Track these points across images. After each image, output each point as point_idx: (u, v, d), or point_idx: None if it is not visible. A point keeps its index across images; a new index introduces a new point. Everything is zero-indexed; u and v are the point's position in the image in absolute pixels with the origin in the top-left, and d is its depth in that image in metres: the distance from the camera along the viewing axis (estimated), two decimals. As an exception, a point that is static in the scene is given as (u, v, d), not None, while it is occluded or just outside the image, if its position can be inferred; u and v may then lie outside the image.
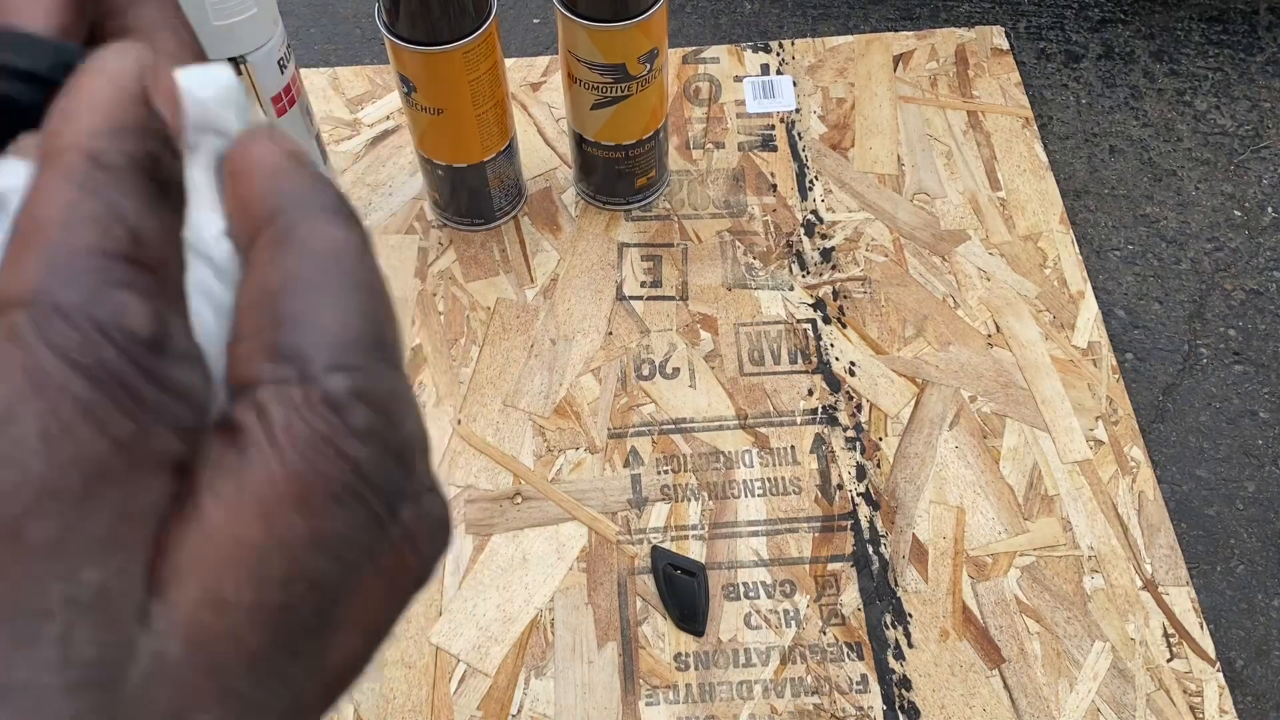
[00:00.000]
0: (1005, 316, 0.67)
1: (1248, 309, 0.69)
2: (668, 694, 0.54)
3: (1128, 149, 0.76)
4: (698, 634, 0.55)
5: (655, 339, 0.66)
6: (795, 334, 0.66)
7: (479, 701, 0.54)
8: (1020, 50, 0.82)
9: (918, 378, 0.64)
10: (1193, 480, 0.62)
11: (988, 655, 0.55)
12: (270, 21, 0.60)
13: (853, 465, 0.61)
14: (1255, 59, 0.81)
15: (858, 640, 0.55)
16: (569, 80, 0.65)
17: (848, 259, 0.69)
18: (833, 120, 0.77)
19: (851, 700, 0.54)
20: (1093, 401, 0.63)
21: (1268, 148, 0.76)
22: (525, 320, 0.67)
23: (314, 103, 0.78)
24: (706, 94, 0.78)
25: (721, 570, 0.57)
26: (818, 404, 0.63)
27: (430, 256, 0.70)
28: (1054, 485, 0.60)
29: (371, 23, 0.85)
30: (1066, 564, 0.57)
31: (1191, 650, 0.55)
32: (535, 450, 0.62)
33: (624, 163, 0.68)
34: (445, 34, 0.59)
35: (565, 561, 0.58)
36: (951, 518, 0.59)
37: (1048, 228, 0.71)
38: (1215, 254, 0.71)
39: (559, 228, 0.71)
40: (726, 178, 0.74)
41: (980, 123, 0.76)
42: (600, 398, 0.64)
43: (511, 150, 0.68)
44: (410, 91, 0.62)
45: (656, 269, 0.69)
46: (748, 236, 0.71)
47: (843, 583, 0.57)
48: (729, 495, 0.60)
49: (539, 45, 0.84)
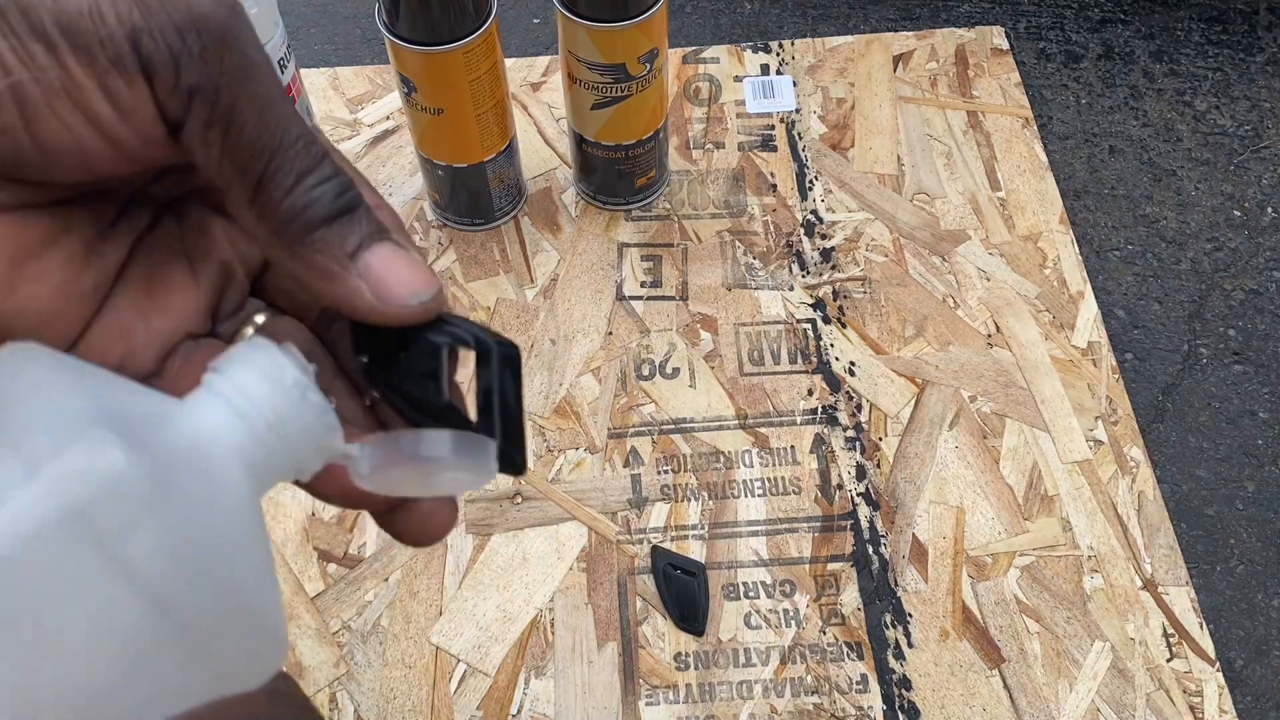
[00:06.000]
0: (1005, 316, 0.67)
1: (1248, 309, 0.69)
2: (668, 694, 0.54)
3: (1128, 149, 0.76)
4: (698, 634, 0.55)
5: (655, 339, 0.66)
6: (795, 334, 0.66)
7: (479, 701, 0.54)
8: (1020, 50, 0.82)
9: (918, 378, 0.64)
10: (1192, 480, 0.62)
11: (988, 655, 0.55)
12: (270, 22, 0.60)
13: (853, 465, 0.61)
14: (1255, 59, 0.81)
15: (858, 640, 0.55)
16: (569, 80, 0.65)
17: (848, 259, 0.69)
18: (833, 120, 0.77)
19: (851, 700, 0.54)
20: (1092, 401, 0.63)
21: (1268, 148, 0.76)
22: (525, 320, 0.67)
23: (314, 103, 0.78)
24: (706, 94, 0.78)
25: (721, 570, 0.58)
26: (818, 404, 0.63)
27: (430, 256, 0.70)
28: (1054, 485, 0.60)
29: (371, 23, 0.85)
30: (1066, 564, 0.58)
31: (1191, 650, 0.55)
32: (535, 450, 0.62)
33: (624, 163, 0.68)
34: (445, 34, 0.59)
35: (565, 561, 0.58)
36: (951, 518, 0.59)
37: (1048, 228, 0.71)
38: (1215, 254, 0.71)
39: (559, 228, 0.71)
40: (726, 178, 0.74)
41: (980, 123, 0.76)
42: (600, 398, 0.64)
43: (511, 150, 0.68)
44: (410, 91, 0.62)
45: (656, 269, 0.69)
46: (748, 236, 0.71)
47: (843, 583, 0.57)
48: (729, 495, 0.60)
49: (539, 45, 0.84)
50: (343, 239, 0.23)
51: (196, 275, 0.27)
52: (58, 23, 0.20)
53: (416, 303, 0.23)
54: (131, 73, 0.21)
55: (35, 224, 0.23)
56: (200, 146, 0.22)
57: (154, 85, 0.21)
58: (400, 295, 0.23)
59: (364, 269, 0.23)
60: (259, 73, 0.22)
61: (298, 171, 0.22)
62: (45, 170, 0.22)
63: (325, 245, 0.23)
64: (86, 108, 0.21)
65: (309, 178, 0.23)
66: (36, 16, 0.20)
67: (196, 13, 0.21)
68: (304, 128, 0.23)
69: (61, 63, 0.20)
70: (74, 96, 0.21)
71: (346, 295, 0.23)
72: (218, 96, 0.21)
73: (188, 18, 0.21)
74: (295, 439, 0.23)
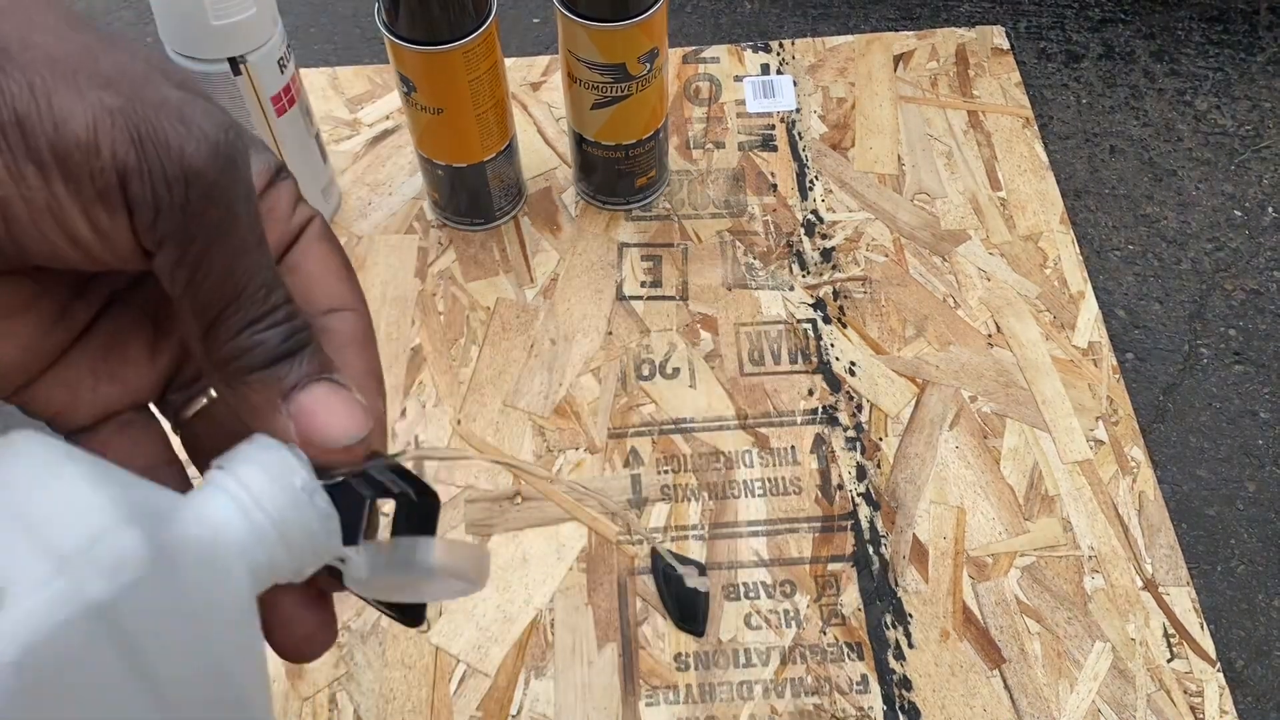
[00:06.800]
0: (1005, 316, 0.67)
1: (1248, 309, 0.69)
2: (668, 694, 0.54)
3: (1128, 149, 0.76)
4: (698, 634, 0.55)
5: (655, 339, 0.66)
6: (795, 334, 0.66)
7: (479, 702, 0.54)
8: (1020, 50, 0.82)
9: (918, 378, 0.64)
10: (1193, 480, 0.62)
11: (988, 655, 0.55)
12: (270, 21, 0.60)
13: (853, 465, 0.61)
14: (1256, 59, 0.81)
15: (858, 640, 0.55)
16: (569, 80, 0.65)
17: (848, 259, 0.69)
18: (833, 120, 0.77)
19: (852, 701, 0.54)
20: (1093, 401, 0.63)
21: (1268, 148, 0.76)
22: (525, 320, 0.67)
23: (314, 102, 0.78)
24: (706, 94, 0.78)
25: (721, 570, 0.57)
26: (818, 404, 0.63)
27: (430, 256, 0.70)
28: (1054, 485, 0.60)
29: (371, 23, 0.85)
30: (1067, 564, 0.57)
31: (1192, 650, 0.55)
32: (535, 450, 0.62)
33: (624, 163, 0.68)
34: (445, 34, 0.59)
35: (565, 562, 0.58)
36: (952, 518, 0.59)
37: (1048, 228, 0.71)
38: (1216, 254, 0.71)
39: (559, 228, 0.71)
40: (726, 178, 0.74)
41: (981, 122, 0.76)
42: (600, 398, 0.64)
43: (511, 150, 0.68)
44: (410, 91, 0.62)
45: (656, 269, 0.69)
46: (748, 236, 0.71)
47: (843, 583, 0.57)
48: (729, 495, 0.60)
49: (539, 45, 0.84)
50: (279, 379, 0.24)
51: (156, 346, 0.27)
52: (54, 149, 0.20)
53: (340, 444, 0.24)
54: (115, 206, 0.21)
55: (16, 287, 0.24)
56: (166, 278, 0.23)
57: (133, 220, 0.22)
58: (326, 436, 0.24)
59: (295, 409, 0.24)
60: (238, 226, 0.22)
61: (250, 318, 0.23)
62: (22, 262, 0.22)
63: (260, 385, 0.24)
64: (67, 227, 0.21)
65: (259, 324, 0.23)
66: (35, 140, 0.20)
67: (189, 167, 0.21)
68: (268, 275, 0.23)
69: (50, 187, 0.21)
70: (57, 216, 0.21)
71: (273, 433, 0.24)
72: (190, 246, 0.22)
73: (179, 171, 0.21)
74: (299, 542, 0.23)
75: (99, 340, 0.26)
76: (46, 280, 0.24)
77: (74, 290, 0.25)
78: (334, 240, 0.28)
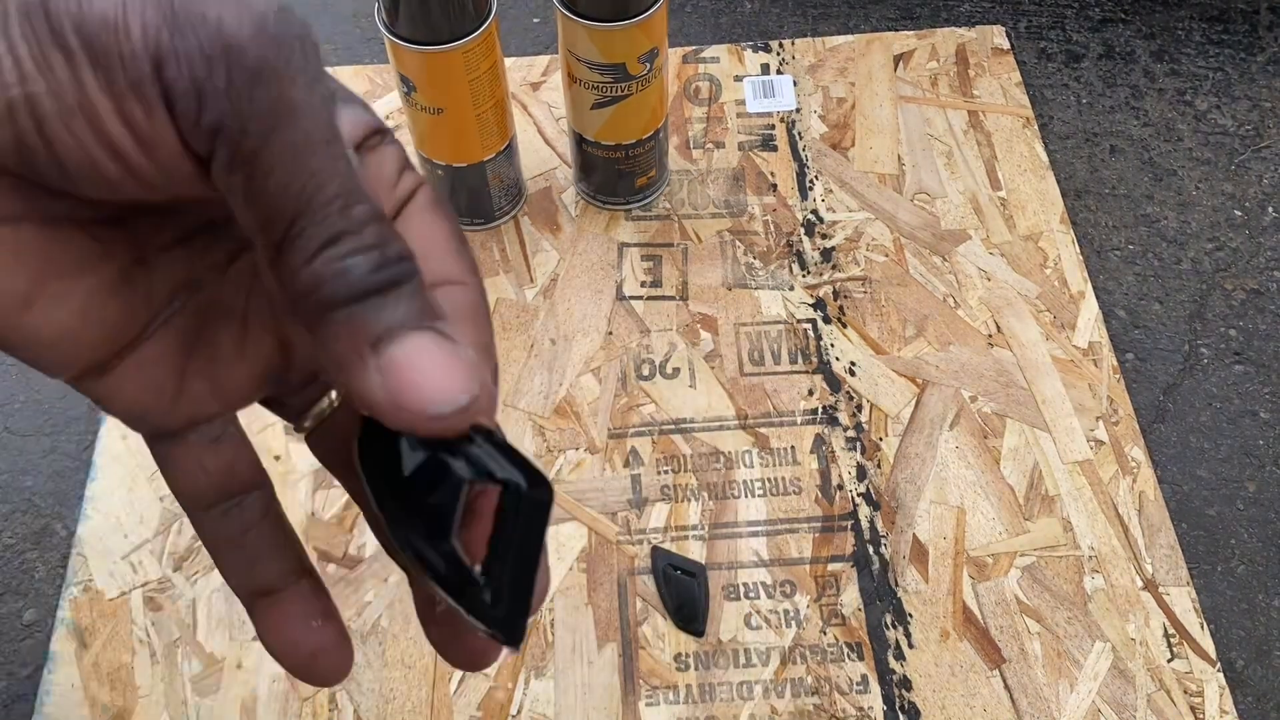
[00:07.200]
0: (1005, 316, 0.67)
1: (1248, 309, 0.69)
2: (668, 694, 0.54)
3: (1128, 149, 0.76)
4: (698, 634, 0.55)
5: (655, 339, 0.66)
6: (795, 334, 0.66)
7: (479, 702, 0.54)
8: (1021, 50, 0.82)
9: (918, 378, 0.64)
10: (1193, 480, 0.62)
11: (988, 655, 0.55)
12: (270, 21, 0.60)
13: (853, 465, 0.61)
14: (1256, 59, 0.81)
15: (858, 640, 0.55)
16: (569, 80, 0.65)
17: (848, 259, 0.69)
18: (833, 120, 0.77)
19: (852, 701, 0.54)
20: (1093, 401, 0.63)
21: (1268, 148, 0.76)
22: (525, 320, 0.67)
23: (314, 102, 0.77)
24: (706, 94, 0.78)
25: (721, 570, 0.57)
26: (818, 404, 0.63)
27: (430, 256, 0.70)
28: (1054, 485, 0.60)
29: (371, 22, 0.85)
30: (1067, 564, 0.57)
31: (1192, 650, 0.55)
32: (535, 450, 0.62)
33: (624, 162, 0.68)
34: (445, 34, 0.59)
35: (565, 562, 0.58)
36: (952, 518, 0.59)
37: (1048, 228, 0.71)
38: (1216, 254, 0.71)
39: (559, 227, 0.71)
40: (726, 177, 0.74)
41: (981, 122, 0.76)
42: (600, 398, 0.64)
43: (511, 150, 0.68)
44: (410, 91, 0.62)
45: (656, 269, 0.69)
46: (748, 236, 0.71)
47: (843, 583, 0.57)
48: (729, 495, 0.60)
49: (539, 45, 0.84)
50: (367, 323, 0.19)
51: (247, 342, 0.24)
52: (79, 30, 0.18)
53: (436, 412, 0.19)
54: (152, 101, 0.18)
55: (68, 243, 0.21)
56: (224, 189, 0.19)
57: (176, 117, 0.19)
58: (421, 398, 0.19)
59: (386, 363, 0.19)
60: (297, 114, 0.19)
61: (326, 236, 0.19)
62: (67, 184, 0.19)
63: (346, 328, 0.19)
64: (102, 132, 0.19)
65: (339, 245, 0.19)
66: (59, 20, 0.18)
67: (229, 40, 0.18)
68: (346, 183, 0.19)
69: (78, 76, 0.18)
70: (89, 115, 0.18)
71: (359, 391, 0.19)
72: (243, 140, 0.18)
73: (219, 45, 0.18)
74: None
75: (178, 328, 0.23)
76: (105, 237, 0.21)
77: (136, 254, 0.22)
78: (444, 209, 0.24)
